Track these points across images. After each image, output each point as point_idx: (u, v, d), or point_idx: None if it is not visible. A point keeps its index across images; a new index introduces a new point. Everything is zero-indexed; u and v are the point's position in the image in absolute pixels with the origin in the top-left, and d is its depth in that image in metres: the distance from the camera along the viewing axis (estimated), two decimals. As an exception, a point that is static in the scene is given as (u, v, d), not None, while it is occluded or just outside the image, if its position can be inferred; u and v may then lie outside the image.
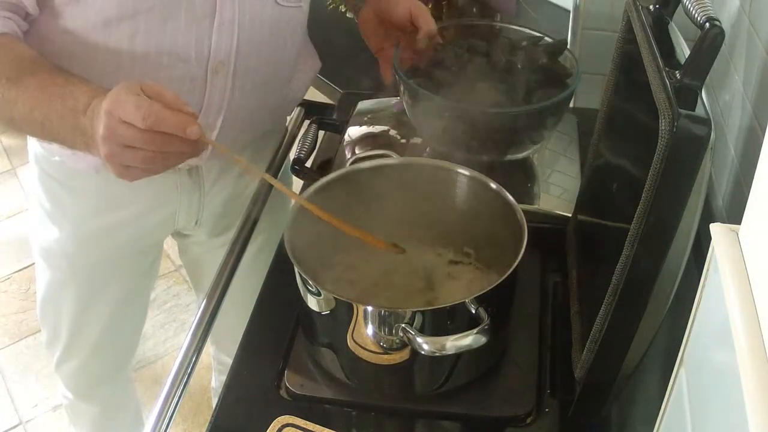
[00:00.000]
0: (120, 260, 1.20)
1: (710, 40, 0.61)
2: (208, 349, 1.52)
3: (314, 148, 1.20)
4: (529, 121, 1.02)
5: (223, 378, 0.93)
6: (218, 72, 0.98)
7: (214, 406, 0.89)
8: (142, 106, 0.75)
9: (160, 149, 0.76)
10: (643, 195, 0.64)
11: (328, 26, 1.60)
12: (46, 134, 0.87)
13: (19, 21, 0.91)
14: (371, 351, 0.82)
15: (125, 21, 0.90)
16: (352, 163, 1.11)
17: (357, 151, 1.15)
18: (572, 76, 1.06)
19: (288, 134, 1.27)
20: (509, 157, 1.07)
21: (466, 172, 0.94)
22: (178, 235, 1.30)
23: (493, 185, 0.91)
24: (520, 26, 1.16)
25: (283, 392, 0.89)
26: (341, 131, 1.23)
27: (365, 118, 1.23)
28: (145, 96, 0.76)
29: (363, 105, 1.28)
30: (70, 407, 1.44)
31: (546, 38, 1.12)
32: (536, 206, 1.04)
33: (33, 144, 1.11)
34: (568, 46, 1.12)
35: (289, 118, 1.33)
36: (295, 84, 1.15)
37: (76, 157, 1.04)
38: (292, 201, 0.90)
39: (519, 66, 1.06)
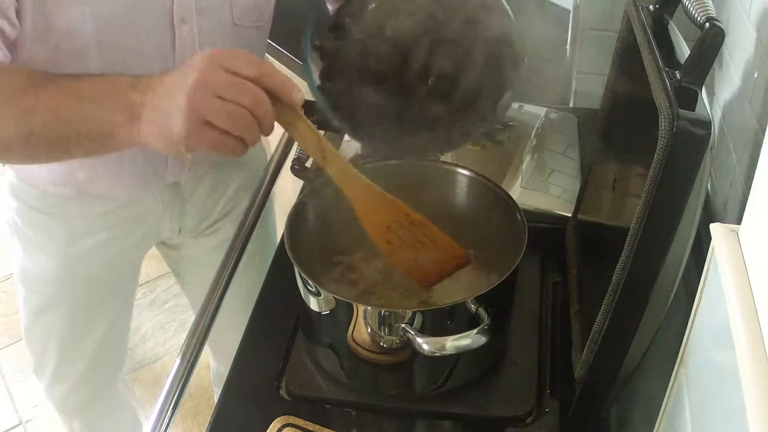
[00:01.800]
0: (106, 277, 1.19)
1: (710, 40, 0.61)
2: (208, 349, 1.52)
3: (314, 148, 1.19)
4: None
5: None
6: None
7: (214, 406, 0.89)
8: (253, 57, 0.70)
9: (251, 107, 0.69)
10: (643, 195, 0.64)
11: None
12: (73, 133, 0.77)
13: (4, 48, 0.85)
14: (371, 351, 0.82)
15: (92, 50, 0.89)
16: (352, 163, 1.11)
17: (357, 151, 1.15)
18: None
19: (288, 134, 1.27)
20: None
21: (466, 172, 0.94)
22: (162, 246, 1.29)
23: (493, 185, 0.91)
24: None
25: (283, 392, 0.89)
26: (341, 131, 1.22)
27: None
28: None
29: (363, 105, 1.27)
30: (64, 425, 1.42)
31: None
32: (536, 206, 1.04)
33: (8, 176, 1.09)
34: (568, 46, 1.11)
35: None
36: None
37: (60, 185, 1.04)
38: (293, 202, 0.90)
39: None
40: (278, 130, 1.29)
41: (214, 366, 1.56)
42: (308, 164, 1.17)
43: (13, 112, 0.78)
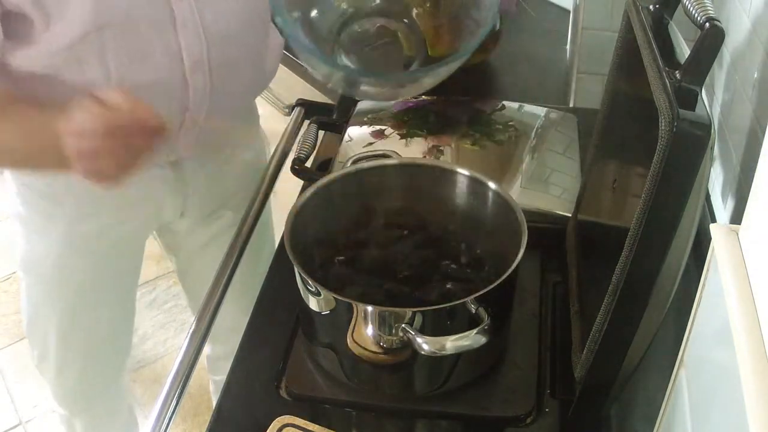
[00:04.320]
0: (108, 262, 1.19)
1: (710, 40, 0.61)
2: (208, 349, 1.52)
3: (314, 148, 1.20)
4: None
5: (220, 378, 0.93)
6: (196, 71, 0.98)
7: (213, 406, 0.89)
8: (91, 111, 0.81)
9: (124, 142, 0.82)
10: (643, 195, 0.64)
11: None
12: (21, 161, 0.94)
13: None
14: (371, 351, 0.82)
15: (90, 38, 0.90)
16: (352, 163, 1.11)
17: (357, 151, 1.15)
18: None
19: (288, 134, 1.27)
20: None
21: (466, 173, 0.94)
22: (164, 232, 1.29)
23: (493, 185, 0.91)
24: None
25: (283, 392, 0.89)
26: (341, 131, 1.23)
27: (365, 118, 1.23)
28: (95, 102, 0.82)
29: (363, 105, 1.28)
30: (64, 422, 1.40)
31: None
32: (536, 206, 1.04)
33: None
34: (568, 46, 1.12)
35: (288, 118, 1.33)
36: (268, 63, 1.13)
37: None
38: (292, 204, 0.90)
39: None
40: (280, 129, 1.28)
41: (209, 350, 1.52)
42: (308, 164, 1.18)
43: None
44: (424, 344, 0.76)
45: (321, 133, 1.27)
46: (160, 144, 0.85)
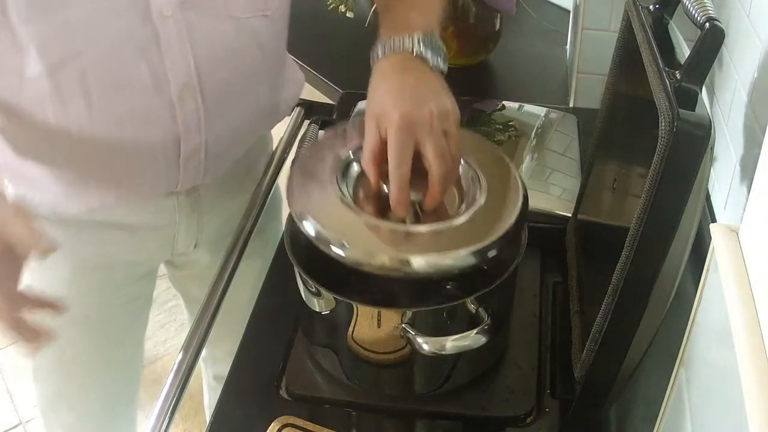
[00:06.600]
0: (119, 298, 1.13)
1: (710, 40, 0.61)
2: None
3: (314, 148, 1.20)
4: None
5: (217, 394, 0.91)
6: (185, 97, 0.90)
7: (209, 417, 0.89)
8: None
9: None
10: (643, 195, 0.64)
11: (328, 26, 1.60)
12: None
13: None
14: (371, 351, 0.82)
15: (69, 63, 0.84)
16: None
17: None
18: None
19: (288, 134, 1.27)
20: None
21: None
22: (172, 266, 1.26)
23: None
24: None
25: (283, 392, 0.89)
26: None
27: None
28: None
29: (363, 105, 1.27)
30: None
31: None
32: (536, 206, 1.04)
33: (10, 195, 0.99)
34: (568, 46, 1.12)
35: (288, 118, 1.32)
36: (284, 95, 1.09)
37: (68, 202, 0.98)
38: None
39: None
40: (280, 129, 1.28)
41: (208, 369, 1.49)
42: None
43: None
44: (424, 344, 0.76)
45: (321, 133, 1.27)
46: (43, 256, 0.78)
